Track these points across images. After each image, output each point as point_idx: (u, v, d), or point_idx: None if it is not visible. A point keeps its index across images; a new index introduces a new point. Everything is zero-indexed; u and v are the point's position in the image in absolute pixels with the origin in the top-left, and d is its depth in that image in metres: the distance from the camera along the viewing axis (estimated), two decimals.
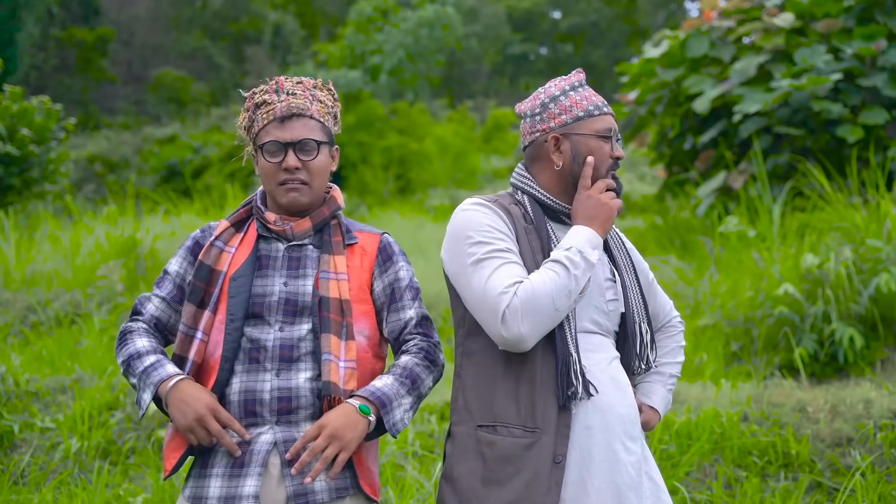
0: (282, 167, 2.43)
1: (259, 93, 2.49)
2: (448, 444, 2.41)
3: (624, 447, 2.34)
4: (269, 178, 2.45)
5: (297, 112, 2.45)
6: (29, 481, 4.52)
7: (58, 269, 8.22)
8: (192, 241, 2.53)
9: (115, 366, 5.94)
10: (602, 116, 2.46)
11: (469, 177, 23.37)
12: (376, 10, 30.95)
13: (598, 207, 2.39)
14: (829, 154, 8.88)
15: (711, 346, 6.11)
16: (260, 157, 2.47)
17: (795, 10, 9.44)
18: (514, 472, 2.26)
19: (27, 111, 11.71)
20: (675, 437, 4.60)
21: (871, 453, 4.44)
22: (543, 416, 2.28)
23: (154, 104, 34.11)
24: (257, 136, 2.47)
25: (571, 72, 2.55)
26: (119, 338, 2.47)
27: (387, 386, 2.36)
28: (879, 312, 5.96)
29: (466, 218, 2.39)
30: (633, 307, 2.48)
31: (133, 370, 2.39)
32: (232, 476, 2.30)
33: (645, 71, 10.36)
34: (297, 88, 2.48)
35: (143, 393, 2.36)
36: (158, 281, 2.53)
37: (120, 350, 2.45)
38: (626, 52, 36.93)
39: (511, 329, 2.23)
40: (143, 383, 2.36)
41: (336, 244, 2.47)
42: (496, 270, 2.28)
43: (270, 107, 2.45)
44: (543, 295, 2.24)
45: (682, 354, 2.71)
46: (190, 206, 12.40)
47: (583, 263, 2.30)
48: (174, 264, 2.52)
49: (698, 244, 8.18)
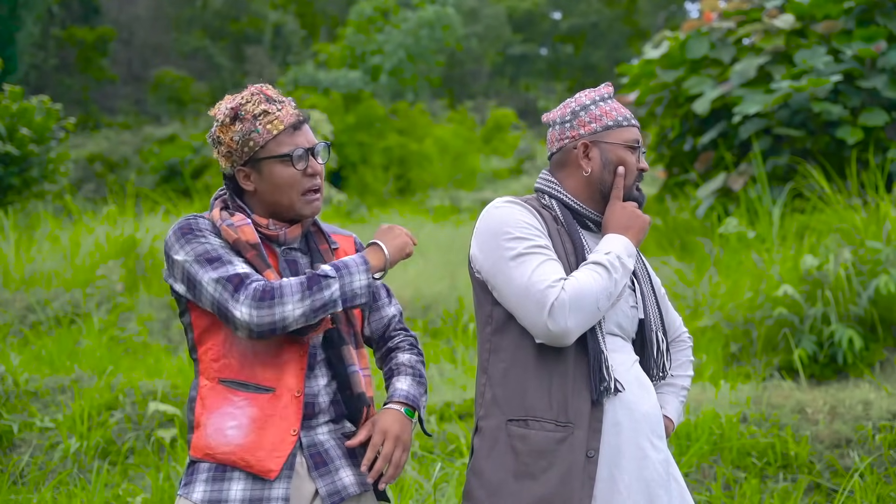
0: (307, 173, 2.37)
1: (248, 103, 2.38)
2: (476, 439, 2.42)
3: (652, 444, 2.38)
4: (291, 188, 2.36)
5: (303, 119, 2.42)
6: (28, 481, 4.52)
7: (57, 268, 8.22)
8: (209, 227, 2.34)
9: (114, 365, 5.95)
10: (630, 127, 2.52)
11: (469, 177, 23.39)
12: (377, 11, 30.98)
13: (633, 219, 2.46)
14: (829, 155, 8.88)
15: (711, 347, 6.11)
16: (274, 168, 2.35)
17: (795, 11, 9.45)
18: (547, 466, 2.29)
19: (27, 111, 11.71)
20: (675, 438, 4.60)
21: (870, 455, 4.44)
22: (576, 410, 2.31)
23: (154, 104, 34.12)
24: (264, 147, 2.35)
25: (600, 84, 2.62)
26: (261, 295, 2.20)
27: (412, 388, 2.45)
28: (879, 314, 5.97)
29: (502, 214, 2.41)
30: (650, 315, 2.53)
31: (326, 276, 2.23)
32: (256, 478, 2.26)
33: (645, 72, 10.37)
34: (278, 96, 2.43)
35: (354, 282, 2.25)
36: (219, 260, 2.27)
37: (281, 294, 2.20)
38: (627, 53, 36.94)
39: (558, 322, 2.27)
40: (349, 274, 2.26)
41: (325, 252, 2.45)
42: (541, 265, 2.32)
43: (274, 116, 2.37)
44: (589, 293, 2.30)
45: (692, 369, 2.77)
46: (189, 206, 12.40)
47: (621, 268, 2.37)
48: (214, 241, 2.31)
49: (698, 245, 8.18)
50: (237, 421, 2.28)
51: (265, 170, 2.36)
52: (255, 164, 2.37)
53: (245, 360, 2.31)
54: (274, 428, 2.28)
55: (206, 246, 2.29)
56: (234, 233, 2.31)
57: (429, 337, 7.29)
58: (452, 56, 34.53)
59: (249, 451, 2.25)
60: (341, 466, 2.35)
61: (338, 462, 2.35)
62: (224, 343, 2.32)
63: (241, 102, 2.38)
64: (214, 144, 2.41)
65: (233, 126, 2.37)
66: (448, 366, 6.39)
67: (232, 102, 2.40)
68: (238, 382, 2.30)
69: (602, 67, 37.51)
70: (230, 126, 2.37)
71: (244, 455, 2.25)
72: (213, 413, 2.30)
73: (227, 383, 2.31)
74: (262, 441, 2.26)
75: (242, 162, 2.37)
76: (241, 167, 2.38)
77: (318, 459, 2.33)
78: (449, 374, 6.17)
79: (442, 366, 6.38)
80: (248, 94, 2.41)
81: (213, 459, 2.27)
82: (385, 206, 19.00)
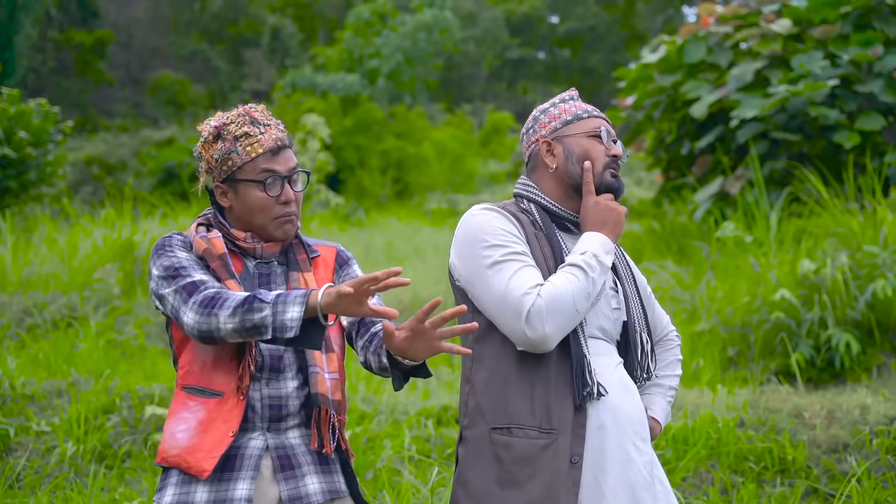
0: (279, 200, 2.40)
1: (231, 124, 2.42)
2: (460, 448, 2.42)
3: (636, 447, 2.37)
4: (263, 212, 2.40)
5: (285, 144, 2.44)
6: (24, 485, 4.51)
7: (54, 271, 8.21)
8: (181, 242, 2.41)
9: (111, 369, 5.94)
10: (590, 119, 2.53)
11: (467, 181, 23.39)
12: (374, 14, 30.98)
13: (607, 213, 2.44)
14: (826, 160, 8.89)
15: (708, 351, 6.11)
16: (249, 191, 2.39)
17: (792, 16, 9.46)
18: (531, 474, 2.28)
19: (25, 113, 11.70)
20: (672, 442, 4.60)
21: (868, 459, 4.44)
22: (559, 417, 2.31)
23: (152, 107, 34.09)
24: (241, 168, 2.40)
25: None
26: (206, 302, 2.25)
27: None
28: (876, 318, 5.97)
29: (478, 222, 2.41)
30: (634, 316, 2.52)
31: (262, 301, 2.20)
32: (221, 480, 2.29)
33: (642, 76, 10.38)
34: (269, 121, 2.45)
35: (287, 313, 2.17)
36: (179, 270, 2.33)
37: (220, 305, 2.23)
38: (624, 56, 36.97)
39: (536, 329, 2.26)
40: (284, 304, 2.18)
41: (302, 262, 2.48)
42: (517, 273, 2.31)
43: (254, 139, 2.40)
44: (566, 297, 2.28)
45: (680, 368, 2.76)
46: (187, 210, 12.38)
47: (598, 267, 2.35)
48: (182, 254, 2.37)
49: (695, 249, 8.18)
50: (187, 424, 2.33)
51: (241, 190, 2.42)
52: (232, 184, 2.43)
53: (205, 367, 2.37)
54: (215, 430, 2.31)
55: (172, 260, 2.36)
56: (204, 243, 2.38)
57: None
58: (450, 59, 34.54)
59: (190, 452, 2.30)
60: (308, 473, 2.35)
61: (305, 468, 2.35)
62: (191, 351, 2.38)
63: (225, 122, 2.44)
64: (197, 159, 2.48)
65: (214, 144, 2.43)
66: (445, 370, 6.39)
67: (217, 121, 2.45)
68: (196, 388, 2.36)
69: (599, 71, 37.52)
70: (212, 144, 2.43)
71: (186, 456, 2.30)
72: (171, 418, 2.37)
73: (188, 389, 2.37)
74: (203, 443, 2.30)
75: (220, 179, 2.44)
76: (219, 184, 2.44)
77: (286, 462, 2.34)
78: (446, 377, 6.17)
79: (439, 370, 6.38)
80: (235, 114, 2.45)
81: (166, 462, 2.33)
82: (383, 210, 18.99)
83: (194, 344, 2.37)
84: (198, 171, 2.50)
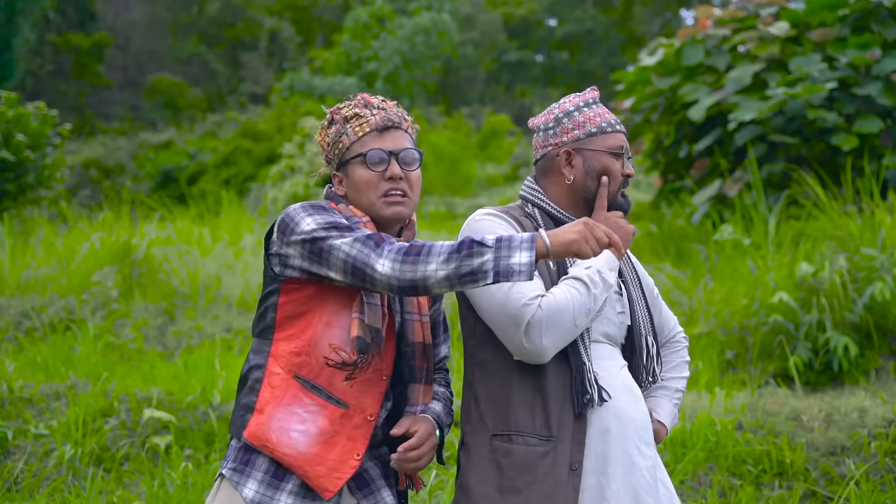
0: (385, 177, 2.34)
1: (345, 108, 2.41)
2: (462, 454, 2.42)
3: (639, 451, 2.37)
4: (370, 190, 2.34)
5: (394, 124, 2.39)
6: (22, 488, 4.51)
7: (52, 274, 8.20)
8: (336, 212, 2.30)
9: (109, 372, 5.93)
10: (614, 134, 2.49)
11: (464, 184, 23.37)
12: (372, 17, 30.99)
13: (617, 230, 2.41)
14: (824, 162, 8.89)
15: (706, 354, 6.11)
16: (356, 169, 2.36)
17: (790, 19, 9.47)
18: (531, 481, 2.28)
19: (23, 117, 11.69)
20: (670, 445, 4.60)
21: (866, 462, 4.44)
22: (559, 424, 2.31)
23: (150, 110, 34.09)
24: (349, 148, 2.37)
25: (586, 89, 2.59)
26: (407, 251, 2.11)
27: (443, 413, 2.46)
28: (874, 321, 5.97)
29: (481, 228, 2.40)
30: (639, 320, 2.51)
31: (482, 245, 2.07)
32: (305, 498, 2.25)
33: (640, 79, 10.38)
34: (384, 105, 2.42)
35: (513, 257, 2.04)
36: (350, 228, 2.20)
37: (428, 252, 2.09)
38: (622, 59, 37.00)
39: (534, 341, 2.25)
40: (509, 248, 2.05)
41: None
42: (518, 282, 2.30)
43: (364, 119, 2.37)
44: (566, 310, 2.26)
45: (688, 369, 2.74)
46: (185, 213, 12.38)
47: (601, 283, 2.33)
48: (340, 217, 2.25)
49: (693, 252, 8.18)
50: (304, 426, 2.22)
51: (350, 171, 2.38)
52: (344, 167, 2.39)
53: (326, 367, 2.25)
54: (340, 447, 2.24)
55: (337, 218, 2.24)
56: (360, 213, 2.32)
57: None
58: (448, 62, 34.55)
59: (310, 462, 2.21)
60: (382, 487, 2.36)
61: (378, 482, 2.35)
62: (309, 342, 2.26)
63: (339, 107, 2.43)
64: (319, 151, 2.47)
65: (328, 129, 2.43)
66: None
67: (334, 108, 2.45)
68: (314, 385, 2.25)
69: (597, 74, 37.53)
70: (326, 129, 2.43)
71: (303, 464, 2.21)
72: (281, 407, 2.23)
73: (303, 381, 2.25)
74: (326, 456, 2.22)
75: (336, 166, 2.41)
76: (335, 172, 2.42)
77: (360, 481, 2.32)
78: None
79: None
80: (351, 101, 2.44)
81: (272, 454, 2.21)
82: None
83: (317, 335, 2.25)
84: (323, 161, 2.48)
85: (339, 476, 2.22)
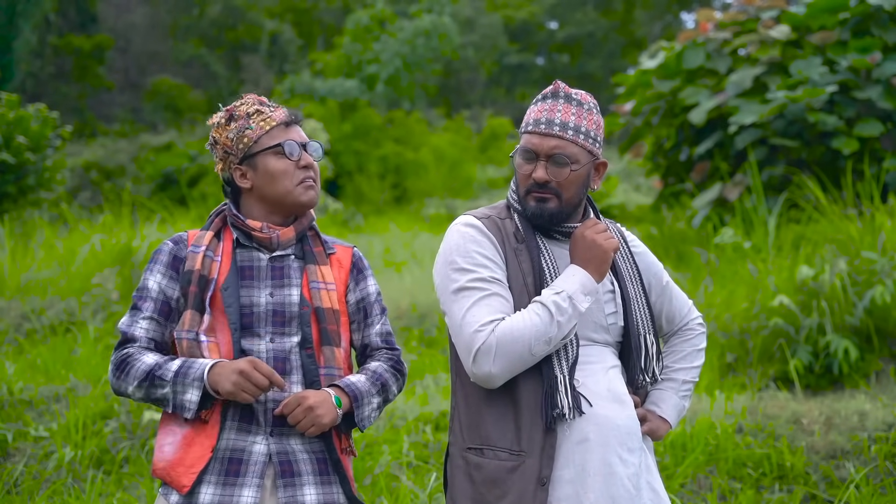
0: (300, 165, 2.47)
1: (242, 105, 2.53)
2: (447, 461, 2.44)
3: (620, 460, 2.31)
4: (286, 178, 2.46)
5: (297, 119, 2.55)
6: (22, 490, 4.50)
7: (53, 276, 8.20)
8: (167, 255, 2.47)
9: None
10: (524, 134, 2.41)
11: (465, 186, 23.38)
12: (373, 20, 31.01)
13: (593, 248, 2.32)
14: (825, 166, 8.90)
15: (706, 357, 6.11)
16: (268, 160, 2.46)
17: (791, 22, 9.47)
18: (500, 495, 2.26)
19: (23, 119, 11.69)
20: (670, 448, 4.60)
21: (866, 465, 4.44)
22: (529, 438, 2.27)
23: (150, 112, 34.08)
24: (257, 141, 2.47)
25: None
26: (118, 366, 2.39)
27: (360, 382, 2.45)
28: (874, 324, 5.97)
29: (455, 241, 2.37)
30: (635, 319, 2.43)
31: (162, 379, 2.33)
32: (227, 484, 2.31)
33: (641, 82, 10.38)
34: (273, 104, 2.57)
35: (186, 394, 2.31)
36: (139, 301, 2.45)
37: (128, 374, 2.37)
38: (623, 62, 37.00)
39: (482, 368, 2.24)
40: (182, 385, 2.31)
41: (319, 254, 2.51)
42: (476, 304, 2.27)
43: (267, 115, 2.49)
44: (521, 339, 2.22)
45: (701, 357, 2.59)
46: (185, 215, 12.38)
47: (570, 310, 2.26)
48: (153, 280, 2.46)
49: (694, 255, 8.18)
50: (172, 437, 2.37)
51: (260, 164, 2.46)
52: (251, 160, 2.47)
53: None
54: (197, 446, 2.34)
55: (144, 282, 2.48)
56: (192, 262, 2.43)
57: (424, 346, 7.28)
58: (449, 65, 34.56)
59: (173, 467, 2.34)
60: (307, 483, 2.37)
61: (305, 477, 2.37)
62: None
63: (236, 105, 2.53)
64: (212, 148, 2.54)
65: (228, 126, 2.50)
66: (443, 375, 6.38)
67: (227, 108, 2.54)
68: None
69: (598, 77, 37.55)
70: (225, 126, 2.50)
71: (169, 471, 2.34)
72: (160, 430, 2.41)
73: None
74: (185, 458, 2.34)
75: (238, 160, 2.48)
76: (237, 166, 2.48)
77: (287, 468, 2.36)
78: (444, 383, 6.16)
79: (438, 375, 6.37)
80: (243, 99, 2.56)
81: (154, 475, 2.39)
82: (381, 215, 19.00)
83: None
84: (215, 159, 2.54)
85: (194, 470, 2.33)
